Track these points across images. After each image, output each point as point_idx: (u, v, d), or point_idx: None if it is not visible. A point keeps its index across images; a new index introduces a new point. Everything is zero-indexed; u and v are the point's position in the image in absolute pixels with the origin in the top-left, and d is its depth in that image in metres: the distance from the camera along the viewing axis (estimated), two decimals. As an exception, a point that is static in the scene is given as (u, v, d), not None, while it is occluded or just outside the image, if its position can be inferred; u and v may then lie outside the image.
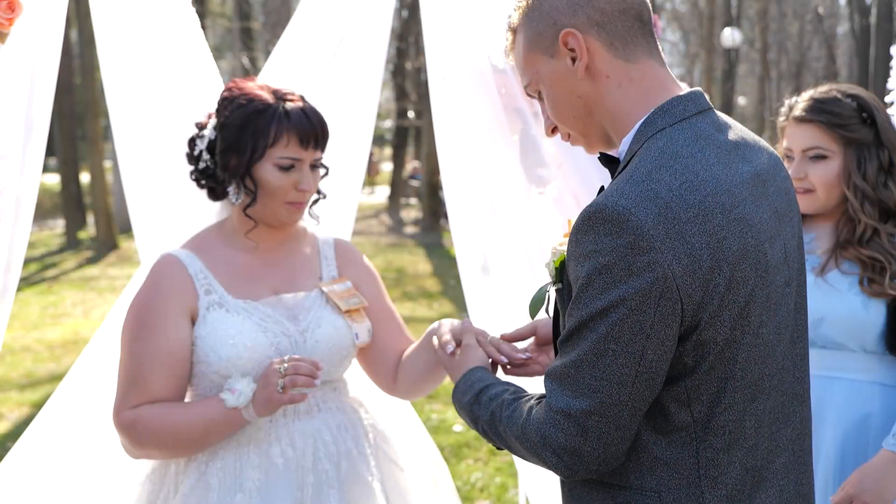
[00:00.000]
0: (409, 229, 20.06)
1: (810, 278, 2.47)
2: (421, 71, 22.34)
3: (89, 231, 18.87)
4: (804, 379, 1.69)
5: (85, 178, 19.52)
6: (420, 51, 19.88)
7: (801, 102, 2.54)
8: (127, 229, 18.18)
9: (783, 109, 2.60)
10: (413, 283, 12.51)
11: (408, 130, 26.39)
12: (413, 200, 24.69)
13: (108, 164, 17.89)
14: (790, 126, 2.55)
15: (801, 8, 35.10)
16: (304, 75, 2.66)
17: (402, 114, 24.93)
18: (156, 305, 2.18)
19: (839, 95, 2.50)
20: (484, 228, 2.74)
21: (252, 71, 21.98)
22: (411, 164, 26.52)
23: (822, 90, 2.53)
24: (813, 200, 2.51)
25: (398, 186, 24.01)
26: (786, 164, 2.54)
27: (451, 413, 6.39)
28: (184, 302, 2.18)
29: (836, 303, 2.43)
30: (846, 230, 2.49)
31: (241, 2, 24.59)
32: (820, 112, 2.48)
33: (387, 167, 30.05)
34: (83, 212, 19.42)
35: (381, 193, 25.90)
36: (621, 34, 1.60)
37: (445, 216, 19.25)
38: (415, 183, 24.45)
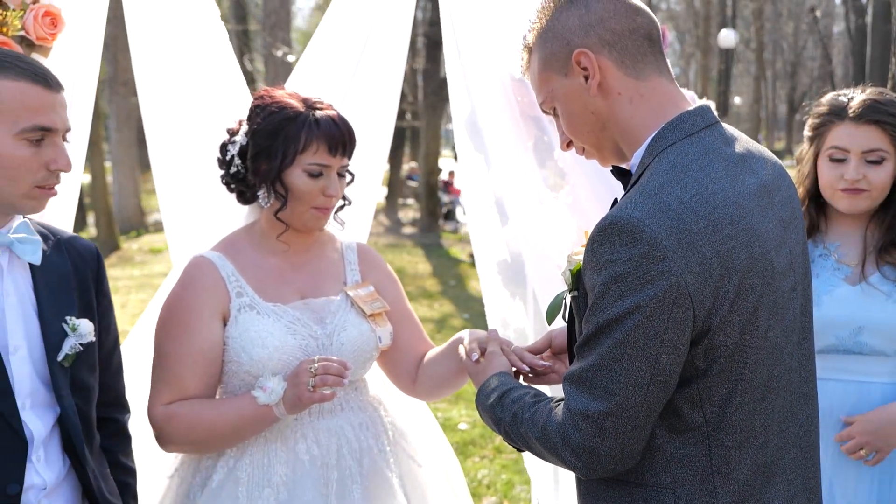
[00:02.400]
0: (408, 229, 20.07)
1: (848, 288, 2.51)
2: (417, 73, 22.31)
3: (90, 231, 18.84)
4: (810, 378, 1.78)
5: (85, 178, 19.50)
6: (417, 53, 19.86)
7: (855, 102, 2.48)
8: (127, 230, 18.26)
9: (822, 109, 2.54)
10: (413, 283, 12.54)
11: (405, 131, 26.38)
12: (410, 201, 24.69)
13: (108, 164, 17.86)
14: (845, 126, 2.48)
15: (796, 8, 35.19)
16: (329, 84, 2.73)
17: (399, 115, 24.81)
18: (190, 305, 2.26)
19: (893, 97, 2.48)
20: (501, 232, 2.81)
21: (251, 71, 21.88)
22: (408, 165, 26.49)
23: (874, 93, 2.49)
24: (863, 200, 2.50)
25: (395, 187, 23.99)
26: (831, 164, 2.51)
27: (455, 412, 6.46)
28: (216, 303, 2.27)
29: (876, 312, 2.47)
30: (888, 235, 2.51)
31: (240, 3, 24.53)
32: (883, 113, 2.45)
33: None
34: (83, 212, 19.38)
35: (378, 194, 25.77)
36: (631, 53, 1.69)
37: (444, 217, 19.31)
38: (412, 183, 24.44)
